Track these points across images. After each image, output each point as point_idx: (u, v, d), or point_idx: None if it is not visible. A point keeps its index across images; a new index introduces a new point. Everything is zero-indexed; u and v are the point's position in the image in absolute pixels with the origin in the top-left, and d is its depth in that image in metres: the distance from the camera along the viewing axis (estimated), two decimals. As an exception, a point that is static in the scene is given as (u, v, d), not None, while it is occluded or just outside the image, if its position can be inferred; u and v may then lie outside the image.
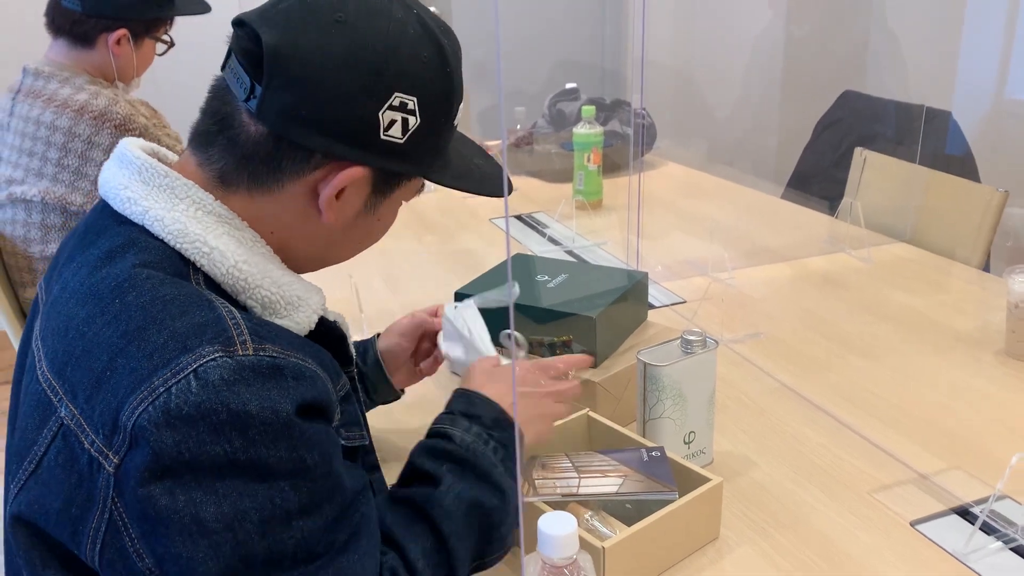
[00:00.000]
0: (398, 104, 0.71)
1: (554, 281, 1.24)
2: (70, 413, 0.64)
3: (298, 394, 0.64)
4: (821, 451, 1.10)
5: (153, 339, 0.62)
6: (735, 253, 1.73)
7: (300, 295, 0.75)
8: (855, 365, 1.32)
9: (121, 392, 0.61)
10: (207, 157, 0.74)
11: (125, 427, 0.60)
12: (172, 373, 0.61)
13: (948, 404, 1.21)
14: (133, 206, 0.71)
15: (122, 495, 0.61)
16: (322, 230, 0.76)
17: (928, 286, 1.62)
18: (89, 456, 0.62)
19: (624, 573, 0.85)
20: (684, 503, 0.88)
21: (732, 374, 1.30)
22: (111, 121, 1.64)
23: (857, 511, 0.98)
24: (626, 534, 0.84)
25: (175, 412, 0.59)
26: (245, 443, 0.60)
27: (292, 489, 0.63)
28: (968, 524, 0.95)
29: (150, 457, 0.59)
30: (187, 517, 0.60)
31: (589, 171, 2.04)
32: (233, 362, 0.62)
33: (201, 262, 0.70)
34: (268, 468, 0.61)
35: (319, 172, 0.72)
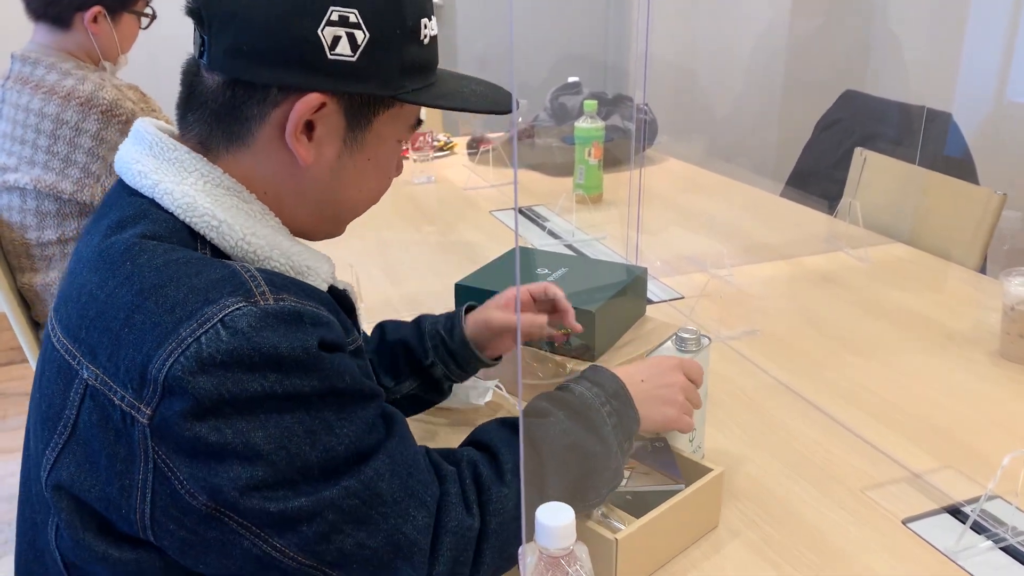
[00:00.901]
0: (337, 19, 0.69)
1: (554, 275, 1.25)
2: (93, 374, 0.65)
3: (316, 335, 0.66)
4: (815, 447, 1.11)
5: (172, 295, 0.64)
6: (733, 250, 1.74)
7: (309, 264, 0.76)
8: (850, 363, 1.33)
9: (146, 346, 0.62)
10: (185, 127, 0.75)
11: (156, 379, 0.61)
12: (199, 324, 0.62)
13: (942, 403, 1.22)
14: (143, 179, 0.72)
15: (163, 442, 0.62)
16: (310, 179, 0.75)
17: (924, 286, 1.63)
18: (121, 411, 0.63)
19: (635, 564, 0.87)
20: (689, 493, 0.90)
21: (728, 370, 1.31)
22: (97, 107, 1.63)
23: (849, 507, 0.99)
24: (637, 525, 0.86)
25: (208, 360, 0.61)
26: (280, 376, 0.63)
27: (328, 406, 0.66)
28: (959, 523, 0.96)
29: (191, 402, 0.61)
30: (239, 445, 0.62)
31: (590, 165, 2.04)
32: (258, 310, 0.64)
33: (210, 235, 0.71)
34: (304, 395, 0.64)
35: (279, 110, 0.71)
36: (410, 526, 0.69)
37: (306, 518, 0.65)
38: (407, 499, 0.70)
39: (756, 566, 0.90)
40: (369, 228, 0.88)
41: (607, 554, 0.85)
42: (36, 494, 0.72)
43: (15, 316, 1.70)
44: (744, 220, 2.05)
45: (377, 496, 0.68)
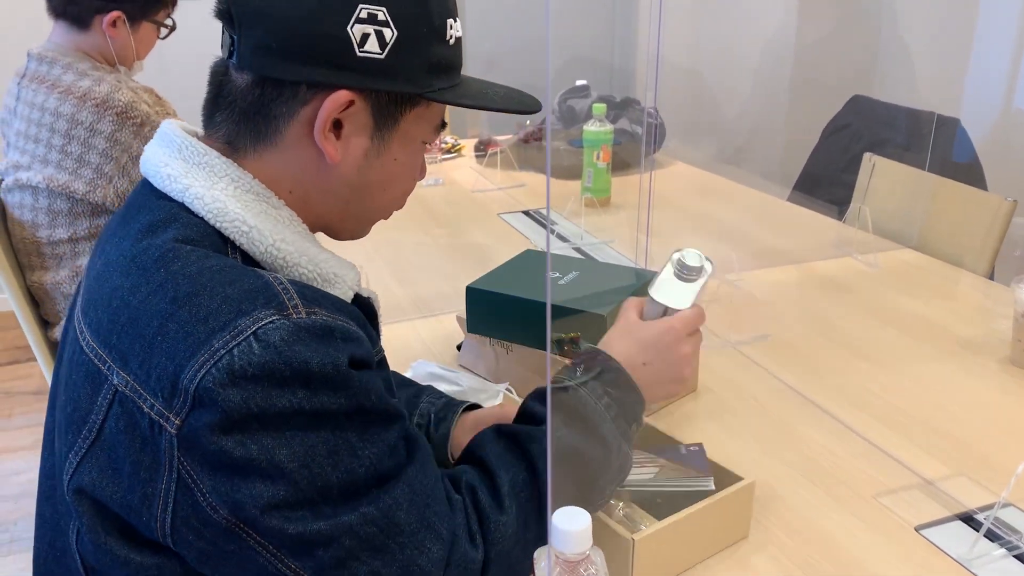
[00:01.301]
0: (366, 16, 0.70)
1: (565, 278, 1.25)
2: (123, 380, 0.65)
3: (346, 351, 0.66)
4: (826, 454, 1.11)
5: (206, 304, 0.64)
6: (743, 254, 1.73)
7: (336, 272, 0.76)
8: (861, 369, 1.33)
9: (179, 356, 0.62)
10: (213, 127, 0.75)
11: (187, 389, 0.61)
12: (231, 336, 0.62)
13: (953, 410, 1.22)
14: (173, 183, 0.72)
15: (189, 453, 0.63)
16: (336, 178, 0.76)
17: (934, 293, 1.63)
18: (150, 419, 0.63)
19: (653, 566, 0.87)
20: (714, 500, 0.89)
21: (739, 375, 1.31)
22: (113, 108, 1.63)
23: (862, 514, 0.99)
24: (657, 527, 0.85)
25: (239, 372, 0.61)
26: (309, 394, 0.63)
27: (353, 426, 0.66)
28: (972, 531, 0.96)
29: (220, 415, 0.61)
30: (263, 462, 0.62)
31: (598, 169, 2.04)
32: (290, 324, 0.64)
33: (240, 240, 0.71)
34: (330, 413, 0.64)
35: (308, 108, 0.72)
36: (425, 558, 0.69)
37: (323, 542, 0.65)
38: (423, 530, 0.69)
39: (768, 570, 0.90)
40: (378, 229, 0.88)
41: (624, 554, 0.85)
42: (60, 495, 0.72)
43: (23, 314, 1.70)
44: (753, 225, 2.05)
45: (395, 525, 0.68)
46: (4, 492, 2.30)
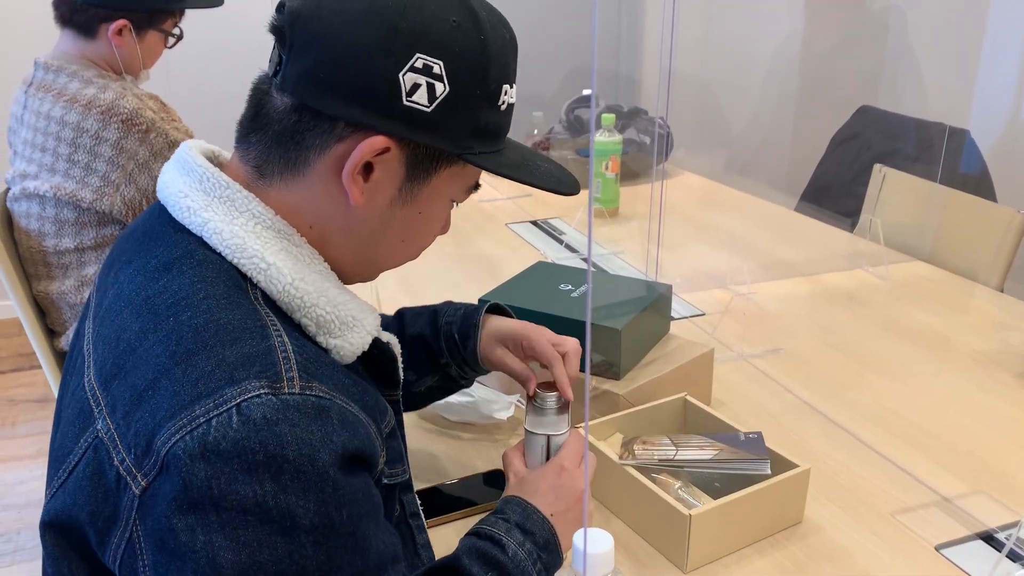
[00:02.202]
0: (421, 66, 0.68)
1: (578, 291, 1.24)
2: (106, 427, 0.63)
3: (339, 442, 0.62)
4: (843, 470, 1.10)
5: (200, 365, 0.61)
6: (753, 266, 1.73)
7: (355, 316, 0.73)
8: (874, 384, 1.32)
9: (160, 415, 0.60)
10: (246, 148, 0.73)
11: (159, 452, 0.59)
12: (215, 404, 0.59)
13: (969, 426, 1.20)
14: (193, 216, 0.70)
15: (143, 520, 0.60)
16: (357, 220, 0.73)
17: (946, 306, 1.62)
18: (117, 473, 0.61)
19: (708, 543, 0.91)
20: (769, 484, 0.93)
21: (752, 389, 1.29)
22: (118, 116, 1.62)
23: (881, 533, 0.98)
24: (712, 505, 0.90)
25: (212, 446, 0.58)
26: (276, 488, 0.59)
27: (313, 546, 0.60)
28: (993, 550, 0.95)
29: (179, 487, 0.58)
30: (203, 559, 0.58)
31: (607, 179, 2.04)
32: (278, 401, 0.60)
33: (258, 278, 0.68)
34: (293, 519, 0.59)
35: (342, 145, 0.69)
36: None
37: None
38: None
39: (789, 592, 0.88)
40: None
41: (680, 530, 0.89)
42: None
43: (30, 323, 1.69)
44: (762, 236, 2.04)
45: None
46: (8, 502, 2.29)
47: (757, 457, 0.96)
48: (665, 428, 1.10)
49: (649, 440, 1.02)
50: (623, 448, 1.01)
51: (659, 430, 1.08)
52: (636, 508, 0.96)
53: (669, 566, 0.92)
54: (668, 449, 0.99)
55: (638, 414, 1.09)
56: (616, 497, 1.00)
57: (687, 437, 1.02)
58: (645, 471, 0.96)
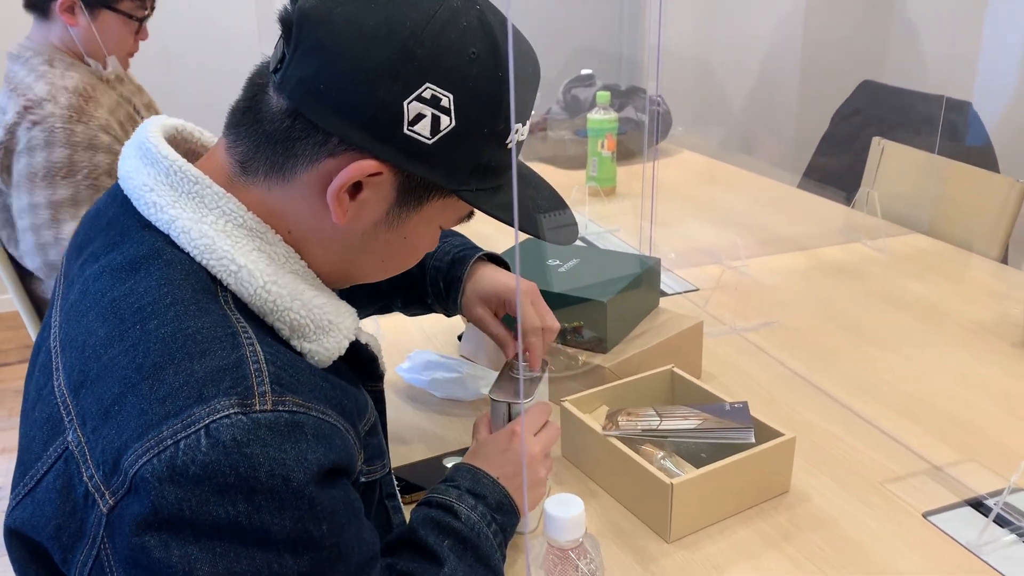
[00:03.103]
0: (429, 97, 0.63)
1: (565, 266, 1.23)
2: (76, 439, 0.61)
3: (315, 460, 0.59)
4: (833, 440, 1.09)
5: (168, 381, 0.58)
6: (750, 242, 1.71)
7: (331, 319, 0.69)
8: (869, 355, 1.31)
9: (127, 433, 0.58)
10: (235, 138, 0.69)
11: (126, 472, 0.57)
12: (183, 425, 0.57)
13: (963, 395, 1.19)
14: (159, 212, 0.66)
15: (112, 538, 0.58)
16: (337, 235, 0.70)
17: (944, 277, 1.60)
18: (86, 489, 0.59)
19: (691, 513, 0.90)
20: (753, 453, 0.93)
21: (743, 362, 1.28)
22: (30, 114, 1.56)
23: (869, 501, 0.97)
24: (695, 474, 0.90)
25: (180, 469, 0.56)
26: (250, 509, 0.57)
27: (293, 556, 0.59)
28: (982, 516, 0.94)
29: (149, 509, 0.56)
30: (180, 572, 0.57)
31: (603, 157, 2.02)
32: (248, 420, 0.57)
33: (228, 281, 0.65)
34: (270, 535, 0.58)
35: (333, 161, 0.65)
36: None
37: None
38: None
39: (773, 560, 0.88)
40: None
41: (663, 499, 0.88)
42: None
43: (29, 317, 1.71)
44: (760, 212, 2.02)
45: None
46: (15, 490, 2.30)
47: (741, 426, 0.95)
48: (652, 400, 1.10)
49: (634, 412, 1.01)
50: (607, 420, 1.01)
51: (646, 402, 1.08)
52: (619, 479, 0.96)
53: (653, 536, 0.91)
54: (652, 420, 0.99)
55: (624, 386, 1.08)
56: (599, 468, 0.99)
57: (672, 408, 1.02)
58: (628, 442, 0.95)
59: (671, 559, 0.88)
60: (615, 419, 1.00)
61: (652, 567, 0.87)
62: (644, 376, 1.10)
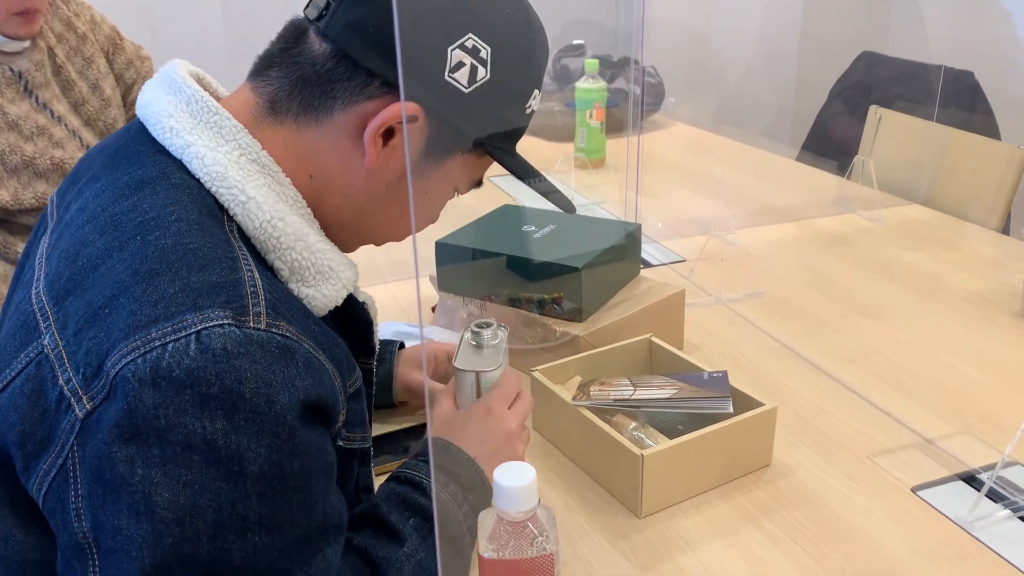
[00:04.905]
0: (471, 46, 0.67)
1: (541, 231, 1.18)
2: (53, 343, 0.59)
3: (302, 388, 0.58)
4: (819, 413, 1.03)
5: (163, 287, 0.57)
6: (741, 212, 1.65)
7: (333, 266, 0.69)
8: (860, 326, 1.25)
9: (114, 335, 0.56)
10: (263, 79, 0.69)
11: (108, 373, 0.55)
12: (173, 329, 0.55)
13: (958, 367, 1.14)
14: (175, 137, 0.66)
15: (83, 446, 0.56)
16: (362, 184, 0.70)
17: (941, 247, 1.54)
18: (61, 393, 0.57)
19: (664, 486, 0.85)
20: (730, 423, 0.88)
21: (728, 333, 1.23)
22: None
23: (854, 474, 0.92)
24: (667, 445, 0.85)
25: (164, 372, 0.54)
26: (228, 427, 0.55)
27: (258, 497, 0.56)
28: (974, 491, 0.89)
29: (123, 413, 0.54)
30: (138, 494, 0.54)
31: (591, 128, 1.96)
32: (241, 333, 0.56)
33: (235, 210, 0.65)
34: (241, 463, 0.55)
35: (372, 103, 0.66)
36: None
37: None
38: None
39: (750, 536, 0.83)
40: None
41: (633, 471, 0.84)
42: None
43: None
44: (753, 184, 1.96)
45: None
46: None
47: (719, 395, 0.90)
48: (628, 371, 1.04)
49: (607, 381, 0.96)
50: (579, 390, 0.96)
51: (621, 373, 1.02)
52: (589, 450, 0.91)
53: (623, 511, 0.86)
54: (626, 389, 0.93)
55: (599, 356, 1.03)
56: (568, 440, 0.94)
57: (648, 378, 0.97)
58: (600, 412, 0.90)
59: (641, 535, 0.83)
60: (587, 389, 0.95)
61: (621, 543, 0.82)
62: (620, 345, 1.04)
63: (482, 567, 0.64)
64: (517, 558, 0.63)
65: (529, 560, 0.63)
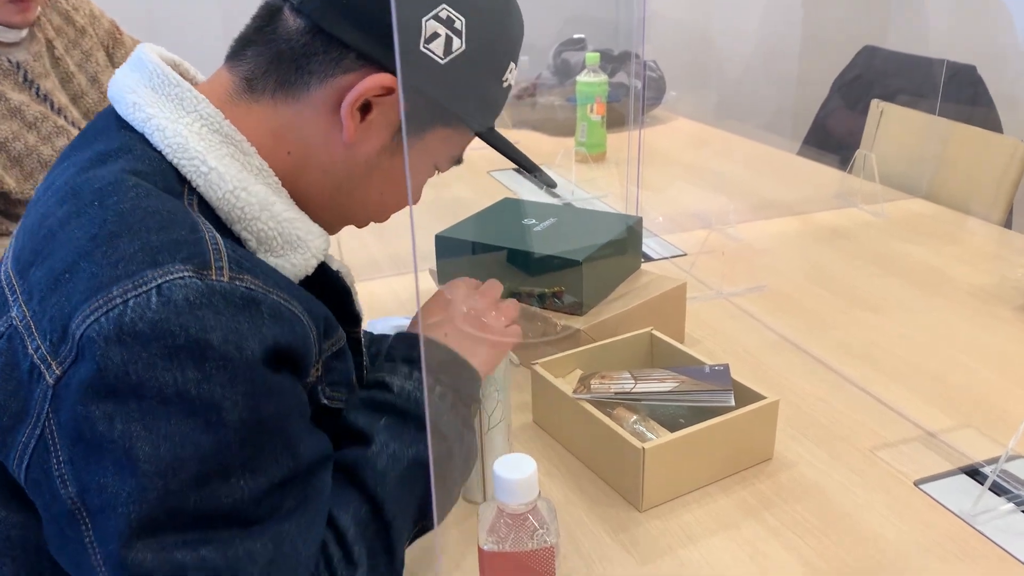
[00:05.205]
0: (445, 17, 0.66)
1: (541, 225, 1.17)
2: (21, 314, 0.59)
3: (270, 335, 0.58)
4: (820, 406, 1.03)
5: (123, 248, 0.57)
6: (742, 207, 1.65)
7: (301, 235, 0.68)
8: (861, 320, 1.25)
9: (76, 298, 0.56)
10: (239, 59, 0.69)
11: (74, 336, 0.55)
12: (134, 285, 0.55)
13: (961, 361, 1.13)
14: (137, 112, 0.66)
15: (58, 412, 0.56)
16: (341, 158, 0.70)
17: (943, 241, 1.54)
18: (31, 363, 0.57)
19: (665, 479, 0.85)
20: (732, 416, 0.87)
21: (729, 327, 1.22)
22: None
23: (857, 468, 0.91)
24: (668, 438, 0.84)
25: (128, 327, 0.54)
26: (199, 376, 0.55)
27: (239, 443, 0.56)
28: (977, 484, 0.88)
29: (94, 373, 0.54)
30: (119, 449, 0.54)
31: (592, 122, 1.95)
32: (203, 285, 0.56)
33: (197, 182, 0.64)
34: (218, 411, 0.55)
35: (348, 77, 0.66)
36: None
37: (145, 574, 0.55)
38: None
39: (752, 530, 0.82)
40: None
41: (634, 464, 0.83)
42: None
43: None
44: (754, 178, 1.96)
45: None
46: None
47: (720, 388, 0.89)
48: (629, 364, 1.04)
49: (608, 375, 0.96)
50: (579, 383, 0.95)
51: (622, 366, 1.02)
52: (589, 443, 0.90)
53: (624, 504, 0.86)
54: (627, 382, 0.93)
55: (600, 349, 1.03)
56: (569, 433, 0.94)
57: (649, 371, 0.96)
58: (600, 405, 0.90)
59: (642, 528, 0.82)
60: (587, 382, 0.94)
61: (621, 536, 0.81)
62: (621, 339, 1.04)
63: (482, 560, 0.64)
64: (517, 551, 0.62)
65: (529, 552, 0.62)
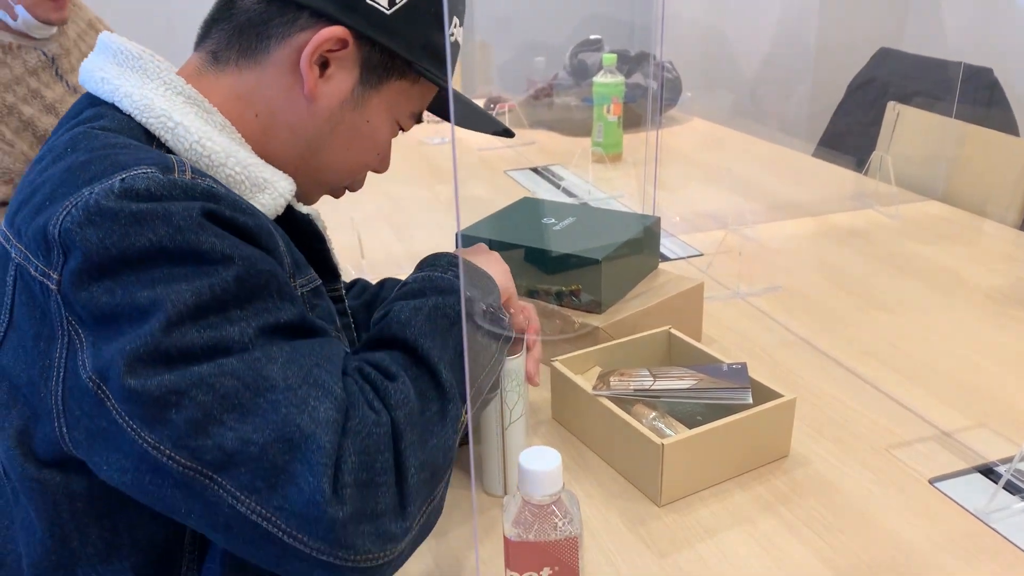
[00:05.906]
0: None
1: (561, 224, 1.19)
2: (18, 250, 0.63)
3: (233, 217, 0.62)
4: (836, 405, 1.04)
5: (94, 168, 0.62)
6: (758, 207, 1.66)
7: (267, 177, 0.73)
8: (877, 320, 1.26)
9: (51, 210, 0.61)
10: (206, 40, 0.75)
11: (54, 238, 0.59)
12: (100, 184, 0.60)
13: (976, 360, 1.14)
14: (105, 85, 0.71)
15: (71, 309, 0.60)
16: (306, 115, 0.74)
17: (959, 243, 1.54)
18: (40, 285, 0.61)
19: (683, 475, 0.86)
20: (749, 414, 0.88)
21: (746, 326, 1.24)
22: None
23: (872, 466, 0.92)
24: (687, 434, 0.85)
25: (94, 208, 0.58)
26: (171, 231, 0.59)
27: (235, 280, 0.60)
28: (991, 483, 0.89)
29: (81, 260, 0.58)
30: (126, 305, 0.58)
31: (608, 122, 1.97)
32: (165, 179, 0.60)
33: (165, 136, 0.69)
34: (200, 254, 0.59)
35: (304, 34, 0.71)
36: (307, 417, 0.57)
37: (174, 401, 0.56)
38: (306, 386, 0.58)
39: (768, 524, 0.84)
40: (377, 182, 0.86)
41: (653, 460, 0.84)
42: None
43: None
44: (770, 179, 1.96)
45: (264, 379, 0.57)
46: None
47: (738, 386, 0.91)
48: (647, 362, 1.05)
49: (627, 372, 0.97)
50: (599, 380, 0.97)
51: (640, 364, 1.03)
52: (608, 440, 0.92)
53: (643, 499, 0.87)
54: (646, 380, 0.94)
55: (619, 347, 1.04)
56: (589, 429, 0.95)
57: (667, 369, 0.97)
58: (619, 402, 0.91)
59: (661, 522, 0.84)
60: (607, 379, 0.96)
61: (640, 530, 0.83)
62: (640, 337, 1.05)
63: (507, 549, 0.66)
64: (542, 540, 0.64)
65: (554, 542, 0.64)
